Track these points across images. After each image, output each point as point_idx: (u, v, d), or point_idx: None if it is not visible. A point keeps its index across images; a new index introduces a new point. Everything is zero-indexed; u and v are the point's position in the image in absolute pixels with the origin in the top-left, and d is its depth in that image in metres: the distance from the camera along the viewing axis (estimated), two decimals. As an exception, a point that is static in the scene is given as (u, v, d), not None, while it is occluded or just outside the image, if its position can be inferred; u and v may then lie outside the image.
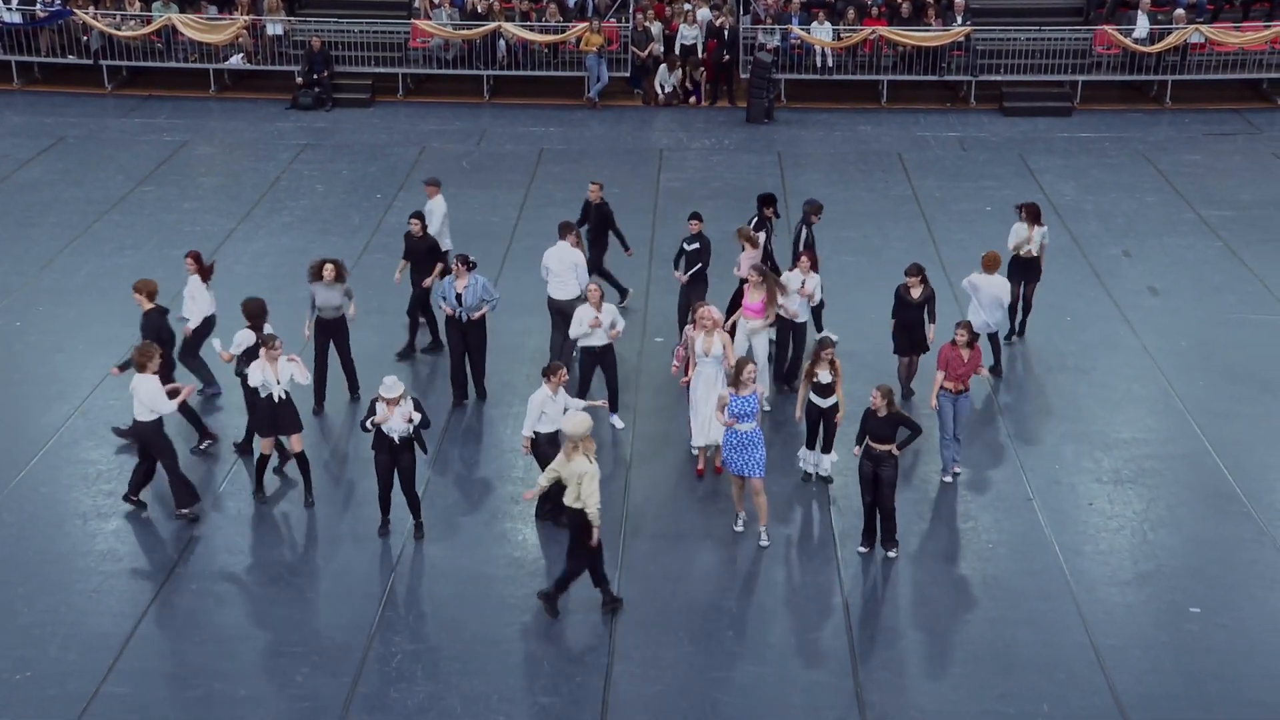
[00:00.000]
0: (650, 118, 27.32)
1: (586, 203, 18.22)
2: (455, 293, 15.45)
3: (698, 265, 16.70)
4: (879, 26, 27.61)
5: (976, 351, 14.15)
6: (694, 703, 11.29)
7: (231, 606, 12.45)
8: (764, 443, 13.19)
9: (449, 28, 27.68)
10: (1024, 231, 17.13)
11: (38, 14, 27.61)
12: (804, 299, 15.66)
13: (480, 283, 15.56)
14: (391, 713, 11.12)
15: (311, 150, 24.80)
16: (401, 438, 12.93)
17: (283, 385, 13.65)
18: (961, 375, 14.09)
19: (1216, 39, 27.48)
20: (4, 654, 11.71)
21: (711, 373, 14.25)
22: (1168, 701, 11.38)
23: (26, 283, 18.90)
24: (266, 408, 13.67)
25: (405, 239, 17.01)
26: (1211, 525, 13.83)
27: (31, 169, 23.48)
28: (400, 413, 12.88)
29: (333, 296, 15.42)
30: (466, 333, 15.66)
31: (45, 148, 24.54)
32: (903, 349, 15.84)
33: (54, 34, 27.79)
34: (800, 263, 15.75)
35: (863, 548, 13.22)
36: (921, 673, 11.72)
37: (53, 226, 20.96)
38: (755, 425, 13.08)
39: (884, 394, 12.78)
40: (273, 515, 13.79)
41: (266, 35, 27.86)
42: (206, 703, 11.20)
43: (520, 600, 12.53)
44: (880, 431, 12.80)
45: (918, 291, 15.52)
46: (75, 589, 12.61)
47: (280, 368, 13.63)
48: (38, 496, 13.88)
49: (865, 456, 12.93)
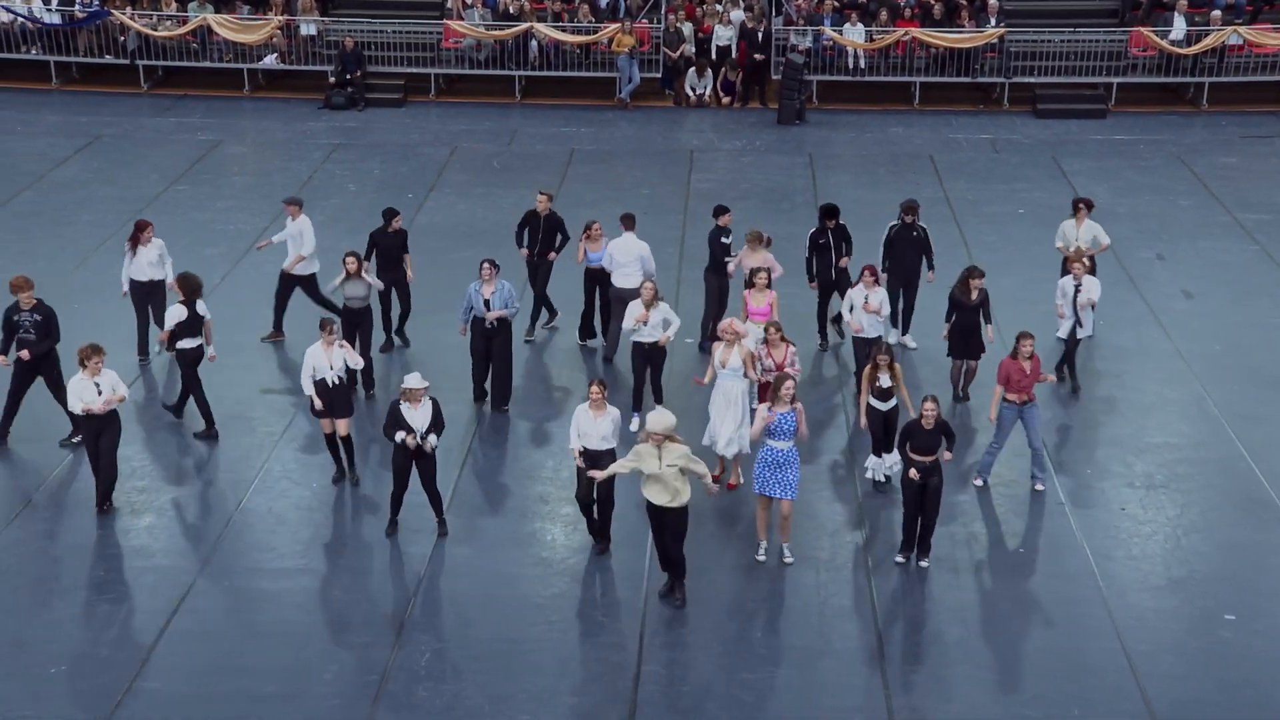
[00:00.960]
0: (681, 118, 27.30)
1: (532, 214, 17.41)
2: (483, 298, 15.42)
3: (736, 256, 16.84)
4: (912, 28, 27.52)
5: (1037, 362, 14.01)
6: (721, 703, 11.27)
7: (261, 604, 12.50)
8: (799, 464, 13.00)
9: (481, 28, 27.74)
10: (1071, 231, 17.04)
11: (76, 15, 27.84)
12: (872, 314, 15.30)
13: (506, 288, 15.52)
14: (419, 711, 11.14)
15: (344, 150, 24.90)
16: (422, 436, 12.93)
17: (336, 371, 13.89)
18: (1025, 386, 13.93)
19: (1255, 40, 27.22)
20: (40, 648, 11.79)
21: (729, 385, 14.02)
22: (1200, 708, 11.27)
23: (61, 280, 19.01)
24: (322, 392, 13.92)
25: (373, 237, 16.87)
26: (1245, 531, 13.71)
27: (68, 168, 23.66)
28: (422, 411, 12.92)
29: (359, 288, 15.68)
30: (491, 337, 15.56)
31: (81, 147, 24.72)
32: (958, 352, 15.64)
33: (92, 34, 28.01)
34: (864, 278, 15.39)
35: (900, 557, 13.05)
36: (950, 676, 11.65)
37: (87, 225, 21.11)
38: (792, 444, 12.83)
39: (934, 405, 12.63)
40: (302, 515, 13.84)
41: (300, 35, 27.99)
42: (236, 698, 11.24)
43: (548, 600, 12.53)
44: (926, 443, 12.63)
45: (975, 294, 15.35)
46: (109, 584, 12.70)
47: (334, 354, 13.92)
48: (71, 492, 13.98)
49: (910, 467, 12.69)
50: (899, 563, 13.02)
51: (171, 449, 14.96)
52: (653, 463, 11.86)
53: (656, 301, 15.07)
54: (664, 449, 11.85)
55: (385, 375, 16.38)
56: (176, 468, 14.64)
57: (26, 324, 14.42)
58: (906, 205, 17.14)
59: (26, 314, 14.47)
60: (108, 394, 13.32)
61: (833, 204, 17.27)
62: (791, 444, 12.83)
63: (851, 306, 15.45)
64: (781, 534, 13.12)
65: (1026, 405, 14.00)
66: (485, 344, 15.58)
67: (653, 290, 15.07)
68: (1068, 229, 17.25)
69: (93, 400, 13.24)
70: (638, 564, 12.96)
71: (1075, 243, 17.07)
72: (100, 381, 13.27)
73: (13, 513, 13.73)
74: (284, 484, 14.33)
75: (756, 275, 15.42)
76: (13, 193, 22.25)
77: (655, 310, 15.02)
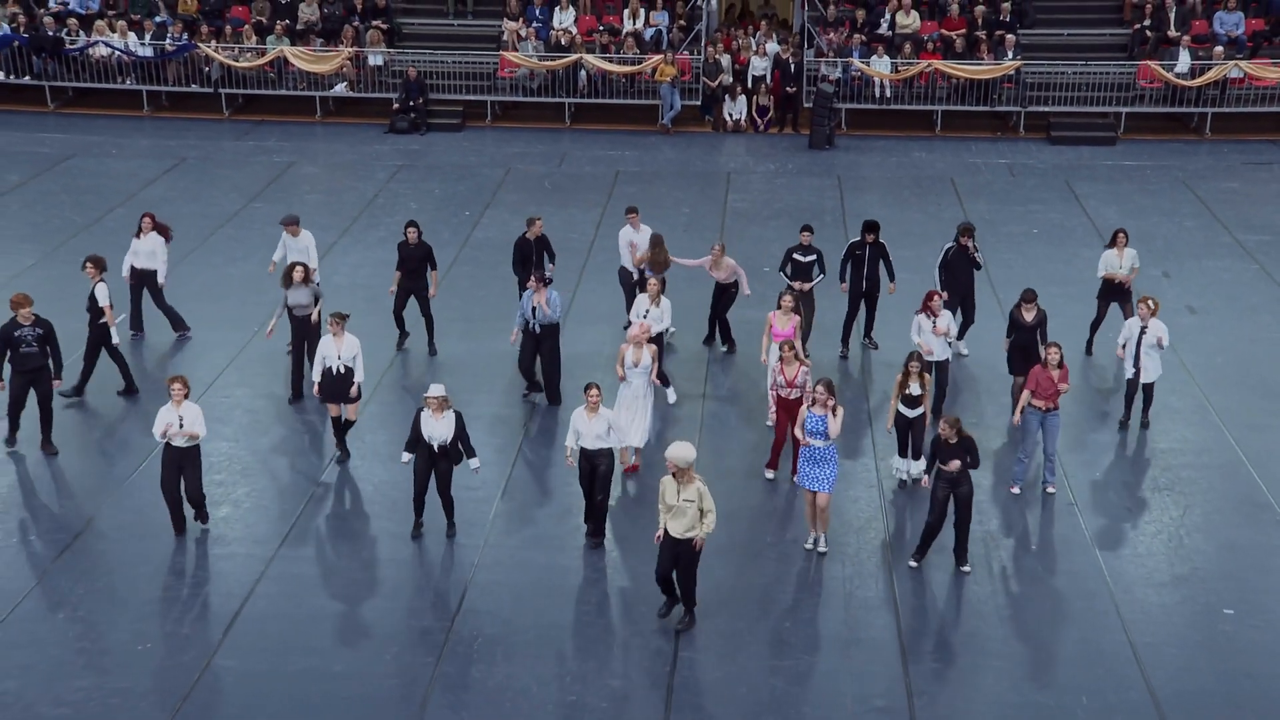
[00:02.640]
0: (719, 143, 27.28)
1: (523, 238, 17.00)
2: (532, 306, 15.43)
3: (817, 277, 16.87)
4: (934, 60, 27.39)
5: (1064, 371, 13.88)
6: (752, 687, 11.24)
7: (328, 590, 12.57)
8: (837, 461, 12.94)
9: (534, 59, 27.82)
10: (1114, 259, 16.81)
11: (166, 48, 28.15)
12: (940, 337, 15.01)
13: (555, 298, 15.57)
14: (472, 691, 11.17)
15: (406, 171, 25.02)
16: (440, 445, 12.84)
17: (343, 360, 14.06)
18: (1050, 394, 13.80)
19: (1255, 74, 26.96)
20: (127, 626, 11.92)
21: (638, 384, 14.24)
22: (1201, 697, 11.16)
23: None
24: (325, 379, 14.08)
25: (400, 248, 16.95)
26: (1244, 532, 13.55)
27: (156, 187, 23.89)
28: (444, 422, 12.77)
29: (303, 295, 15.68)
30: (540, 341, 15.65)
31: (168, 168, 24.96)
32: (1018, 369, 15.36)
33: (180, 66, 28.29)
34: (931, 303, 15.06)
35: (913, 562, 12.88)
36: (967, 664, 11.58)
37: (174, 239, 21.23)
38: (829, 443, 12.77)
39: (951, 424, 12.44)
40: (366, 510, 13.91)
41: (368, 66, 28.17)
42: (306, 676, 11.31)
43: (591, 589, 12.54)
44: (952, 456, 12.47)
45: (1031, 314, 15.12)
46: (189, 570, 12.82)
47: (343, 344, 14.07)
48: (158, 485, 14.10)
49: (939, 480, 12.56)
50: (912, 567, 12.87)
51: (243, 447, 15.06)
52: (672, 495, 11.55)
53: (659, 297, 15.52)
54: (683, 483, 11.48)
55: (421, 379, 16.38)
56: (249, 463, 14.74)
57: (28, 338, 14.27)
58: (962, 228, 16.91)
59: (27, 328, 14.29)
60: (188, 428, 12.89)
61: (875, 220, 17.20)
62: (829, 443, 12.79)
63: (919, 329, 15.08)
64: (819, 525, 13.09)
65: (1049, 413, 13.89)
66: (535, 345, 15.67)
67: (657, 286, 15.58)
68: (1110, 258, 16.89)
69: (174, 427, 12.86)
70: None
71: (1120, 269, 16.81)
72: (184, 414, 12.91)
73: (100, 503, 13.88)
74: (350, 480, 14.41)
75: (783, 298, 15.31)
76: (107, 209, 22.50)
77: (658, 306, 15.51)
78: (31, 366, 14.35)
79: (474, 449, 13.06)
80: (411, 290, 16.91)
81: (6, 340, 14.29)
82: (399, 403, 15.99)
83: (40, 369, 14.44)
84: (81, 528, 13.44)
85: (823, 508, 12.96)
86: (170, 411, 12.90)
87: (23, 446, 14.84)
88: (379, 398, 16.09)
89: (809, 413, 12.86)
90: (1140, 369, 15.16)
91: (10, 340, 14.29)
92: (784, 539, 13.38)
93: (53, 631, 11.84)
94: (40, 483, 14.26)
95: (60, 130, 27.22)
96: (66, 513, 13.74)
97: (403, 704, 11.00)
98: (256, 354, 17.14)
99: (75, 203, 22.53)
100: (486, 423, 15.37)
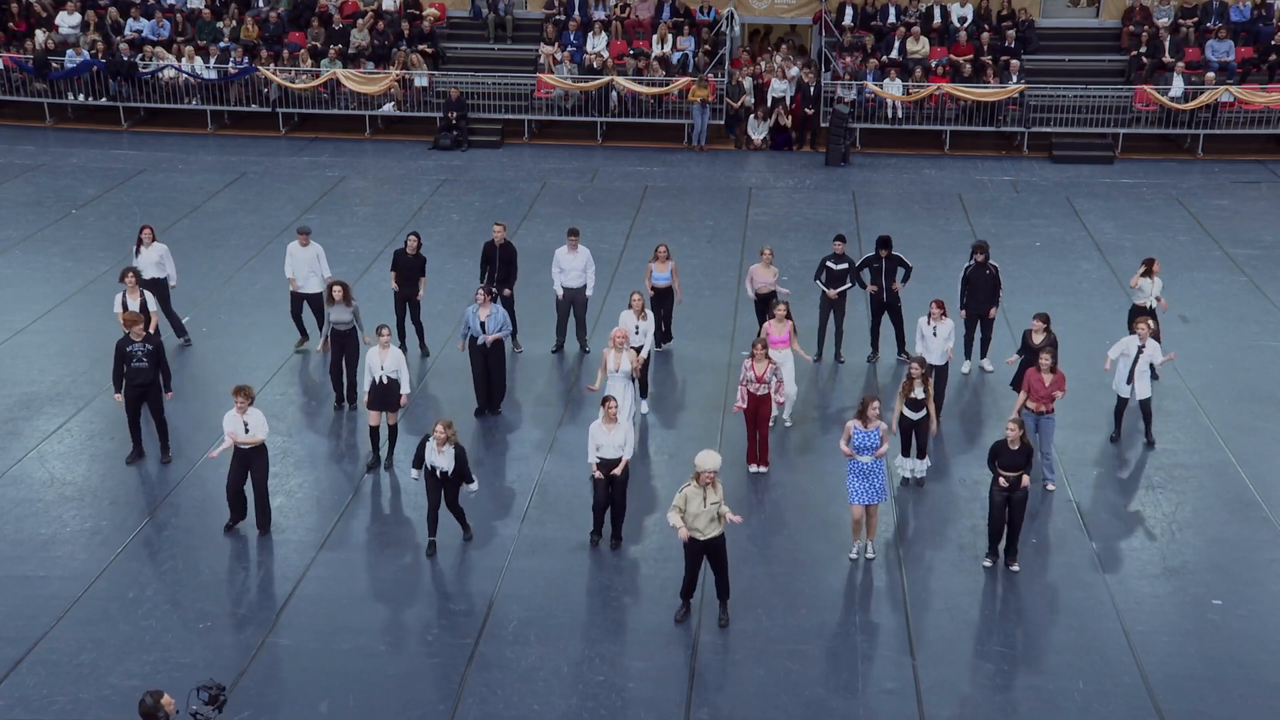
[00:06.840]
0: (742, 160, 27.24)
1: (490, 244, 16.86)
2: (479, 320, 15.21)
3: (847, 284, 16.70)
4: (943, 84, 27.29)
5: (1059, 376, 13.78)
6: (769, 670, 11.23)
7: (374, 574, 12.63)
8: (885, 472, 12.73)
9: (569, 80, 27.86)
10: (1148, 287, 16.36)
11: (229, 70, 28.35)
12: (939, 344, 14.86)
13: (500, 313, 15.34)
14: (508, 670, 11.21)
15: (449, 185, 25.10)
16: (443, 472, 12.63)
17: (386, 371, 13.95)
18: (1044, 397, 13.71)
19: (1245, 98, 26.77)
20: (189, 606, 12.02)
21: (620, 388, 13.95)
22: (1191, 682, 11.10)
23: (211, 295, 19.36)
24: (372, 389, 14.02)
25: (397, 255, 16.86)
26: (1233, 528, 13.45)
27: (218, 200, 24.05)
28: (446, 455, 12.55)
29: (343, 314, 15.37)
30: (488, 355, 15.36)
31: (230, 182, 25.12)
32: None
33: (241, 87, 28.47)
34: (931, 313, 14.93)
35: (987, 561, 12.71)
36: (970, 651, 11.54)
37: (234, 248, 21.45)
38: (876, 456, 12.52)
39: (1020, 426, 12.39)
40: (406, 505, 13.96)
41: (414, 87, 28.28)
42: (353, 655, 11.37)
43: (618, 578, 12.54)
44: (1013, 462, 12.35)
45: (1040, 337, 14.83)
46: (246, 555, 12.91)
47: (387, 356, 13.97)
48: (216, 476, 14.15)
49: (996, 484, 12.40)
50: (986, 566, 12.65)
51: (297, 442, 15.14)
52: (698, 503, 11.38)
53: (643, 312, 15.18)
54: (708, 490, 11.34)
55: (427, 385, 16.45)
56: (301, 457, 14.83)
57: (139, 354, 14.29)
58: (977, 245, 16.65)
59: (138, 345, 14.30)
60: (254, 433, 12.94)
61: (888, 235, 17.10)
62: (875, 457, 12.53)
63: (922, 335, 14.99)
64: (869, 533, 12.83)
65: (1044, 416, 13.81)
66: (484, 360, 15.33)
67: (640, 300, 15.19)
68: (1145, 285, 16.38)
69: (239, 433, 12.90)
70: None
71: (1153, 296, 16.39)
72: (249, 420, 12.94)
73: (159, 498, 13.99)
74: (396, 473, 14.47)
75: (776, 306, 15.20)
76: (173, 220, 22.65)
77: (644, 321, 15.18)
78: (143, 381, 14.33)
79: (472, 476, 12.78)
80: (406, 298, 16.84)
81: (121, 356, 14.39)
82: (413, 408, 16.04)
83: (151, 384, 14.44)
84: (148, 517, 13.55)
85: (873, 518, 12.73)
86: (234, 419, 12.95)
87: (102, 448, 14.97)
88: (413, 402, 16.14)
89: (856, 429, 12.55)
90: (1134, 387, 14.90)
91: (124, 355, 14.37)
92: (800, 533, 13.35)
93: (123, 609, 11.95)
94: (113, 477, 14.38)
95: (133, 147, 27.44)
96: (136, 503, 13.85)
97: (443, 681, 11.04)
98: (310, 357, 17.24)
99: (146, 214, 22.69)
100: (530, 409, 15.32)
